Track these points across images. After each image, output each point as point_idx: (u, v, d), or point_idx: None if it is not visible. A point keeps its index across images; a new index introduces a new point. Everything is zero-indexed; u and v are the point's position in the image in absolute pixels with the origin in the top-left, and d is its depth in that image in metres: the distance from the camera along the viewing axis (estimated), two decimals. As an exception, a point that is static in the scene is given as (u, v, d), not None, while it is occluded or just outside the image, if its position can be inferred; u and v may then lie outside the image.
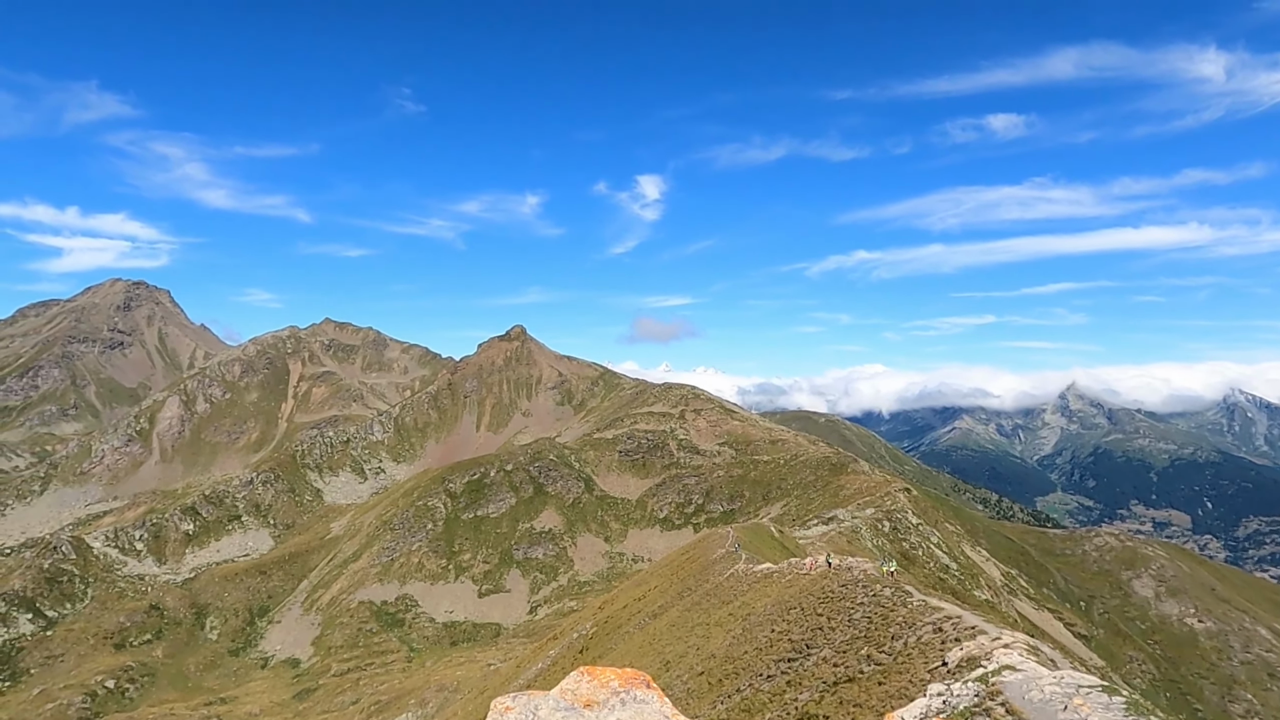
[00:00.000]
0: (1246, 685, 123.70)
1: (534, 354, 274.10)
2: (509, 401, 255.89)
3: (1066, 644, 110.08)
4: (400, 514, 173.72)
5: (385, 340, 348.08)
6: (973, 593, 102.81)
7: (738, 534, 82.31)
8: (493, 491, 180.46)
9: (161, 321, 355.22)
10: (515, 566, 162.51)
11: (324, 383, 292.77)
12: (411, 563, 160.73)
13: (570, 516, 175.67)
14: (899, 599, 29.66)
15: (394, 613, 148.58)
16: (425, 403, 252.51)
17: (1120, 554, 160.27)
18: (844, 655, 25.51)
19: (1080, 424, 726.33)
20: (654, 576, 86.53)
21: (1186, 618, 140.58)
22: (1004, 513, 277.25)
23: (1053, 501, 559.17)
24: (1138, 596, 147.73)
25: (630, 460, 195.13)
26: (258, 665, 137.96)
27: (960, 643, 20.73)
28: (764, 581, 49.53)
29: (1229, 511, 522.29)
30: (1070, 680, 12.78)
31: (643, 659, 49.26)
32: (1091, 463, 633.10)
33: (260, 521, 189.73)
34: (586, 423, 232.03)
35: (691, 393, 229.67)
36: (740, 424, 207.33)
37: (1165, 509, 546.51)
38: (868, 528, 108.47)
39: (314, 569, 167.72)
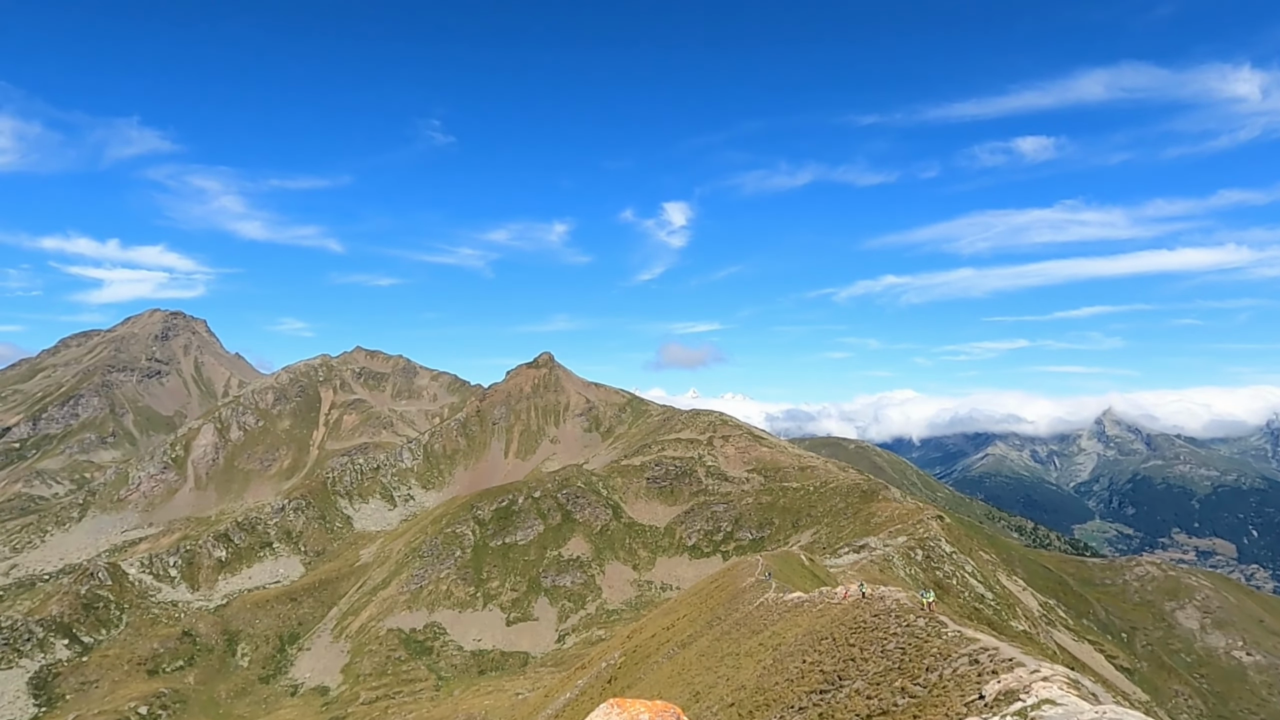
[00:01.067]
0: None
1: (562, 381, 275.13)
2: (537, 428, 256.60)
3: (1108, 677, 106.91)
4: (429, 541, 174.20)
5: (415, 368, 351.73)
6: (1009, 623, 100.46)
7: (767, 562, 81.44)
8: (521, 519, 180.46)
9: (197, 351, 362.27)
10: (543, 594, 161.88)
11: (354, 410, 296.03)
12: (440, 590, 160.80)
13: (598, 544, 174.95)
14: (933, 630, 29.08)
15: (422, 640, 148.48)
16: (454, 430, 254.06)
17: (1163, 584, 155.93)
18: (877, 687, 25.01)
19: (1118, 450, 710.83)
20: (682, 605, 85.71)
21: (1234, 650, 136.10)
22: (1040, 541, 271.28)
23: (1091, 529, 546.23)
24: (1182, 628, 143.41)
25: (658, 487, 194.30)
26: (287, 693, 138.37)
27: (998, 675, 20.25)
28: (794, 611, 48.83)
29: (1276, 540, 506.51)
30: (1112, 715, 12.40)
31: (672, 689, 48.67)
32: (1130, 490, 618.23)
33: (291, 548, 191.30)
34: (614, 449, 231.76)
35: (719, 419, 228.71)
36: (769, 450, 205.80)
37: (1209, 537, 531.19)
38: (900, 556, 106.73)
39: (344, 596, 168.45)
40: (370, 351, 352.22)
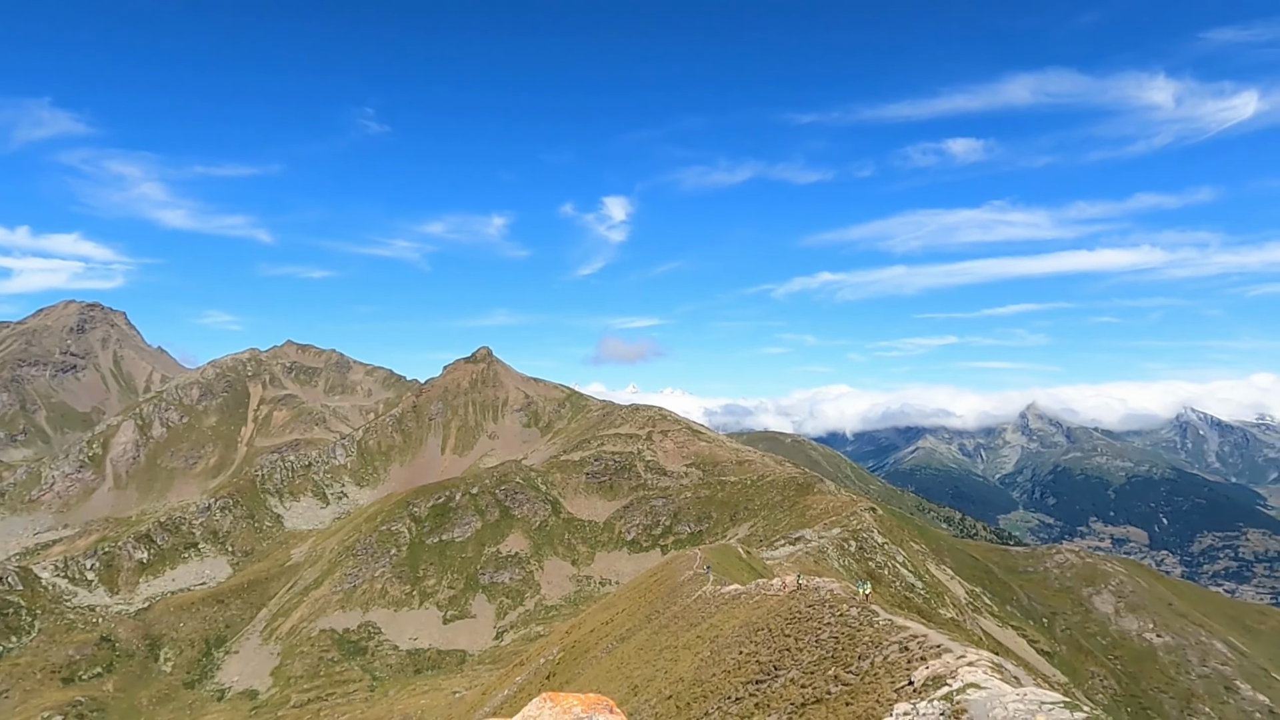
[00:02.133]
0: (1204, 699, 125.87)
1: (500, 376, 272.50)
2: (475, 424, 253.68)
3: (1030, 661, 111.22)
4: (363, 539, 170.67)
5: (349, 362, 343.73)
6: (938, 611, 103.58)
7: (706, 555, 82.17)
8: (458, 515, 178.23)
9: (117, 344, 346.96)
10: (481, 591, 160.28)
11: (285, 406, 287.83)
12: (375, 589, 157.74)
13: (537, 540, 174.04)
14: (865, 619, 29.77)
15: (356, 641, 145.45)
16: (389, 426, 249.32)
17: (1081, 570, 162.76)
18: (811, 676, 25.49)
19: (1040, 443, 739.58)
20: (621, 600, 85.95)
21: (1145, 633, 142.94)
22: (967, 531, 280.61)
23: (1015, 519, 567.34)
24: (1098, 612, 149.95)
25: (597, 482, 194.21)
26: (214, 698, 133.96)
27: (926, 661, 20.84)
28: (732, 603, 49.43)
29: (1184, 527, 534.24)
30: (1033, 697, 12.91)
31: (610, 684, 48.77)
32: (1051, 481, 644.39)
33: (218, 549, 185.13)
34: (553, 445, 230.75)
35: (659, 414, 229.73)
36: (707, 445, 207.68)
37: (1123, 525, 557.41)
38: (834, 548, 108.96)
39: (273, 597, 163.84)
40: (302, 346, 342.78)
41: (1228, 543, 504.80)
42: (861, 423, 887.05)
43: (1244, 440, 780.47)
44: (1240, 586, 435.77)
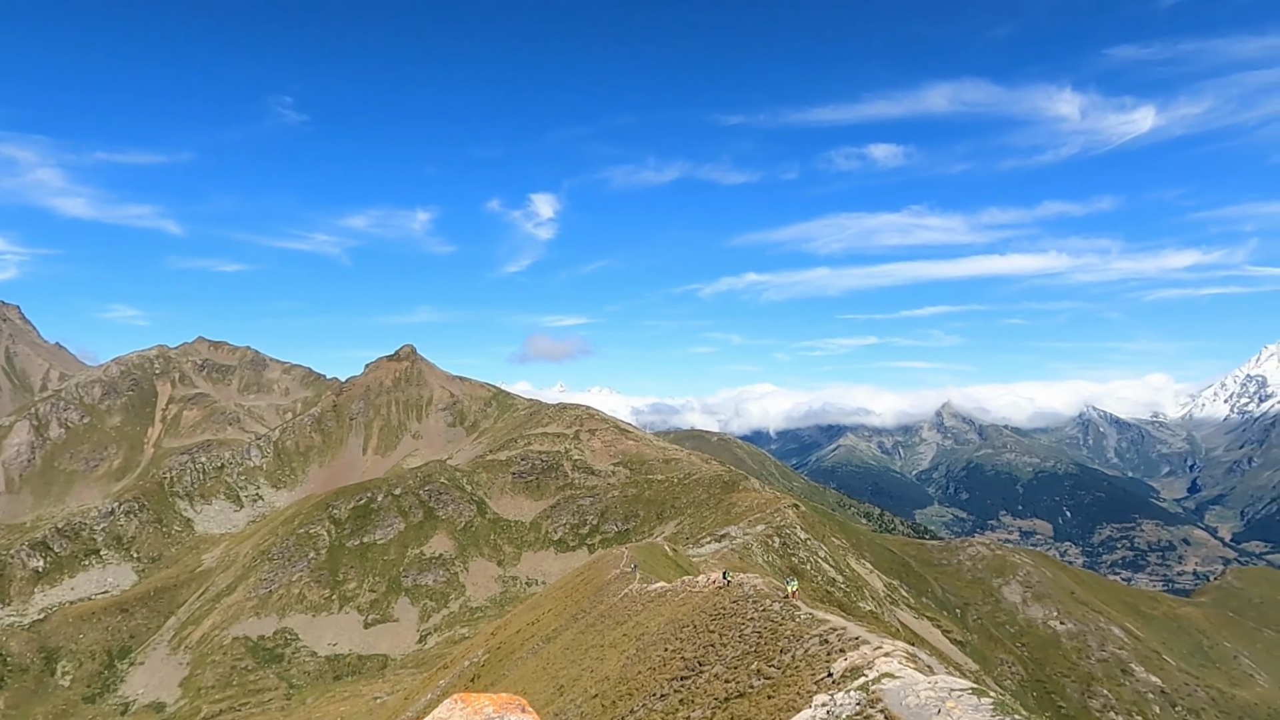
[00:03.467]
0: (1103, 681, 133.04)
1: (424, 374, 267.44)
2: (398, 423, 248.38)
3: (944, 650, 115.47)
4: (280, 543, 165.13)
5: (265, 360, 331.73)
6: (858, 604, 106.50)
7: (632, 554, 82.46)
8: (380, 517, 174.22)
9: (10, 340, 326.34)
10: (404, 594, 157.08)
11: (196, 405, 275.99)
12: (292, 594, 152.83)
13: (462, 541, 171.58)
14: (788, 613, 30.38)
15: (272, 648, 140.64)
16: (308, 425, 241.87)
17: (991, 562, 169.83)
18: (735, 671, 25.88)
19: (954, 440, 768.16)
20: (548, 600, 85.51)
21: (1050, 620, 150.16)
22: (886, 526, 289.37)
23: (930, 514, 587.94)
24: (1007, 602, 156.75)
25: (524, 482, 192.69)
26: (117, 712, 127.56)
27: (845, 653, 21.40)
28: (658, 601, 49.76)
29: (1085, 520, 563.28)
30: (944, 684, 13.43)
31: (536, 684, 48.48)
32: (965, 476, 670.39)
33: (122, 555, 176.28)
34: (479, 444, 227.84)
35: (586, 413, 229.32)
36: (635, 443, 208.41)
37: (1030, 519, 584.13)
38: (759, 544, 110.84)
39: (183, 604, 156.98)
40: (214, 342, 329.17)
41: (1124, 533, 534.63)
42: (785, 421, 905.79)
43: (1140, 437, 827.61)
44: (1135, 575, 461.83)
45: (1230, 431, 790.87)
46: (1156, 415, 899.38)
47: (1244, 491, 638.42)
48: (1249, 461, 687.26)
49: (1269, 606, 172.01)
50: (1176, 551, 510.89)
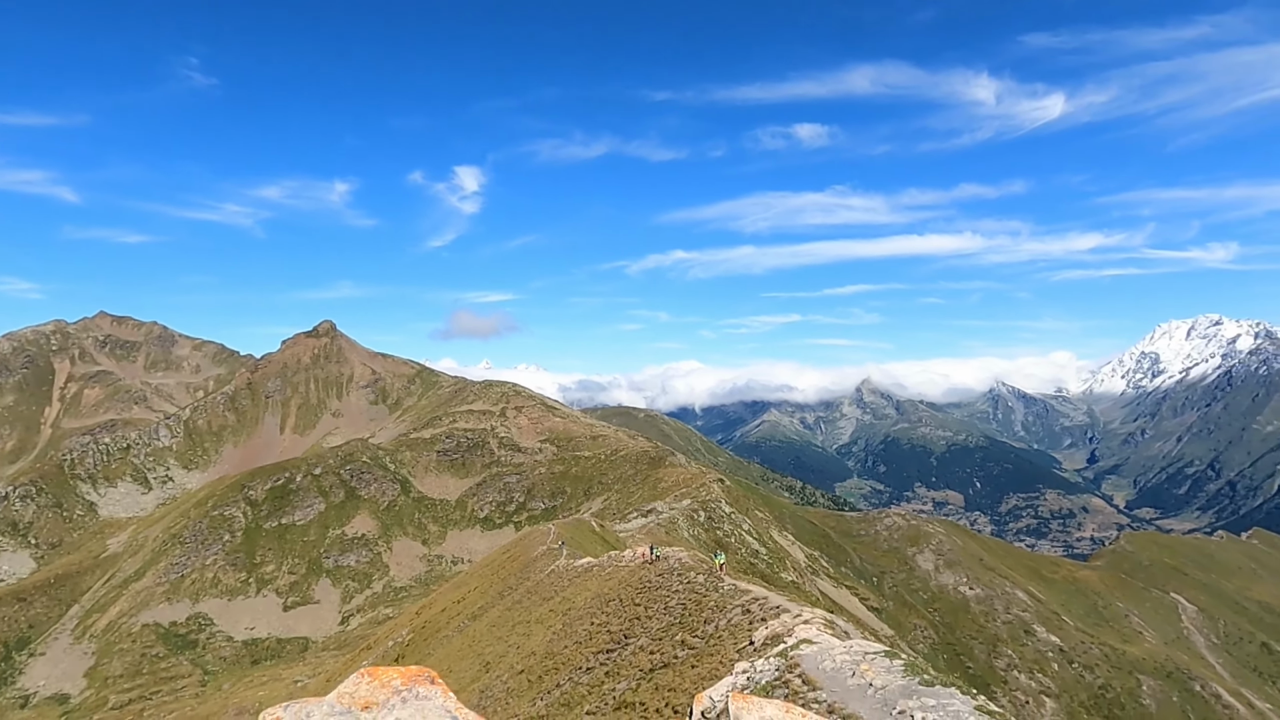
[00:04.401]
0: (1008, 642, 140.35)
1: (345, 351, 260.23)
2: (317, 402, 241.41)
3: (861, 617, 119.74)
4: (192, 525, 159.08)
5: (173, 336, 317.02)
6: (780, 575, 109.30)
7: (559, 530, 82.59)
8: (299, 497, 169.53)
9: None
10: (325, 575, 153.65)
11: (98, 384, 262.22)
12: (206, 578, 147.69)
13: (385, 520, 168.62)
14: (712, 585, 30.96)
15: (185, 634, 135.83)
16: (221, 404, 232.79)
17: (906, 532, 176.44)
18: (660, 643, 26.29)
19: (873, 415, 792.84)
20: (474, 578, 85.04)
21: (960, 586, 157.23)
22: (807, 499, 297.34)
23: (850, 487, 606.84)
24: (920, 570, 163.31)
25: (449, 460, 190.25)
26: (16, 705, 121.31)
27: (766, 622, 21.96)
28: (584, 576, 50.04)
29: (994, 490, 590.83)
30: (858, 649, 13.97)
31: (462, 662, 48.27)
32: (883, 450, 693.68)
33: (18, 542, 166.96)
34: (403, 422, 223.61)
35: (513, 390, 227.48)
36: (562, 420, 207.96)
37: (943, 490, 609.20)
38: (685, 518, 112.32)
39: (87, 592, 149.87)
40: (118, 317, 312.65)
41: (1029, 503, 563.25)
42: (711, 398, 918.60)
43: (1045, 411, 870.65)
44: (1039, 541, 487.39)
45: (1126, 405, 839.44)
46: (1060, 390, 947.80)
47: (1137, 461, 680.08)
48: (1142, 434, 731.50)
49: (1156, 569, 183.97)
50: (1076, 519, 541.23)
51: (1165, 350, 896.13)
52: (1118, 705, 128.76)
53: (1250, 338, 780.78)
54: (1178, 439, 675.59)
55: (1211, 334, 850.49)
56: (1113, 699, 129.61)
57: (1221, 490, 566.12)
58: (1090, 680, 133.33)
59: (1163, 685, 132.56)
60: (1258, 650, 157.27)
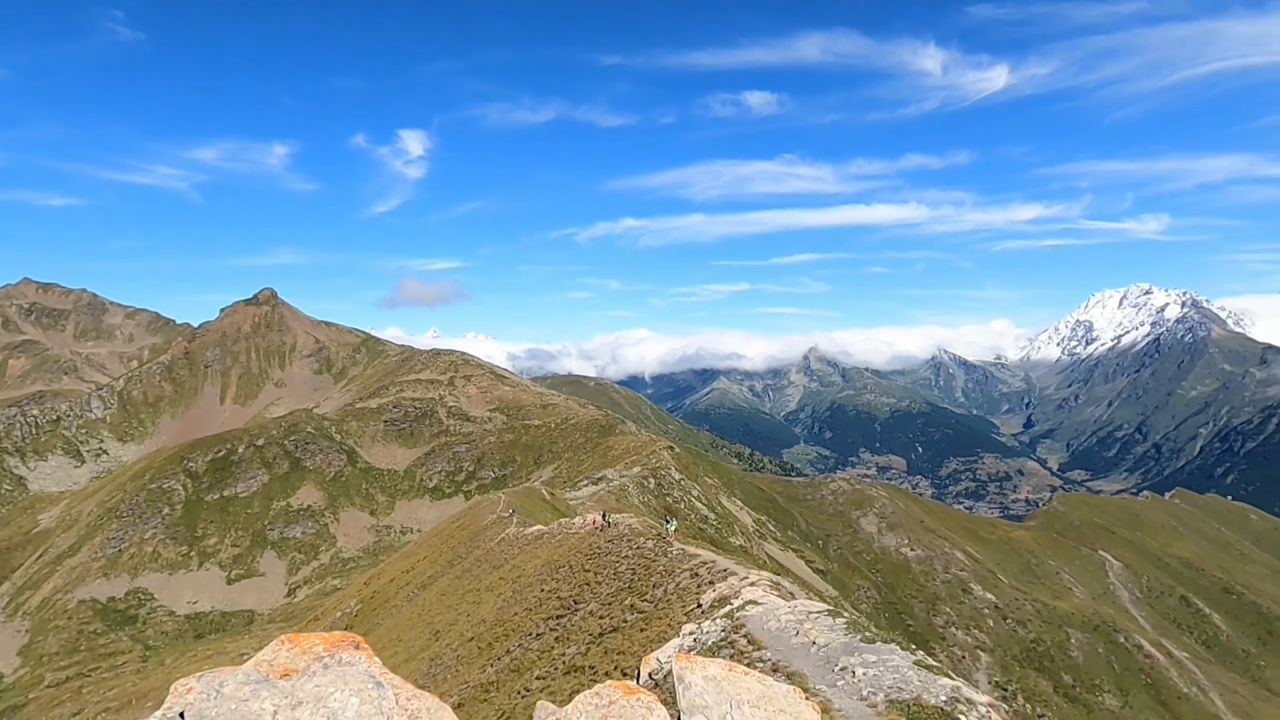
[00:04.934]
0: (946, 600, 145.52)
1: (287, 319, 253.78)
2: (259, 371, 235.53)
3: (807, 579, 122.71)
4: (129, 499, 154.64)
5: (104, 304, 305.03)
6: (729, 540, 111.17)
7: (510, 499, 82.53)
8: (242, 469, 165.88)
9: None
10: (270, 548, 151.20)
11: (24, 354, 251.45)
12: (145, 552, 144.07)
13: (332, 491, 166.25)
14: (660, 549, 31.28)
15: (124, 609, 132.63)
16: (157, 374, 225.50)
17: (851, 496, 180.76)
18: (609, 607, 26.53)
19: (820, 383, 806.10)
20: (423, 547, 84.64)
21: (902, 548, 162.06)
22: (756, 465, 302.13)
23: (797, 453, 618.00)
24: (864, 532, 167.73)
25: (397, 430, 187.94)
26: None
27: (714, 585, 22.30)
28: (535, 543, 50.16)
29: (935, 454, 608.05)
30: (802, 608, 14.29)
31: (411, 631, 48.13)
32: (829, 417, 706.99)
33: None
34: (348, 392, 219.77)
35: (461, 358, 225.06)
36: (511, 389, 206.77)
37: (887, 455, 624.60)
38: (634, 485, 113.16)
39: (18, 569, 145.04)
40: (43, 285, 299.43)
41: (968, 466, 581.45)
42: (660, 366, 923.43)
43: (984, 378, 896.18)
44: (977, 503, 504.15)
45: (1061, 372, 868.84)
46: (999, 357, 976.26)
47: (1070, 426, 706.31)
48: (1075, 399, 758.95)
49: (1086, 528, 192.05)
50: (1012, 481, 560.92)
51: (1099, 318, 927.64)
52: (1048, 658, 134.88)
53: (1178, 306, 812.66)
54: (1108, 404, 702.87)
55: (1142, 303, 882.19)
56: (1043, 652, 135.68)
57: (1148, 453, 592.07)
58: (1023, 635, 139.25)
59: (1090, 638, 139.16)
60: (1177, 603, 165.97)
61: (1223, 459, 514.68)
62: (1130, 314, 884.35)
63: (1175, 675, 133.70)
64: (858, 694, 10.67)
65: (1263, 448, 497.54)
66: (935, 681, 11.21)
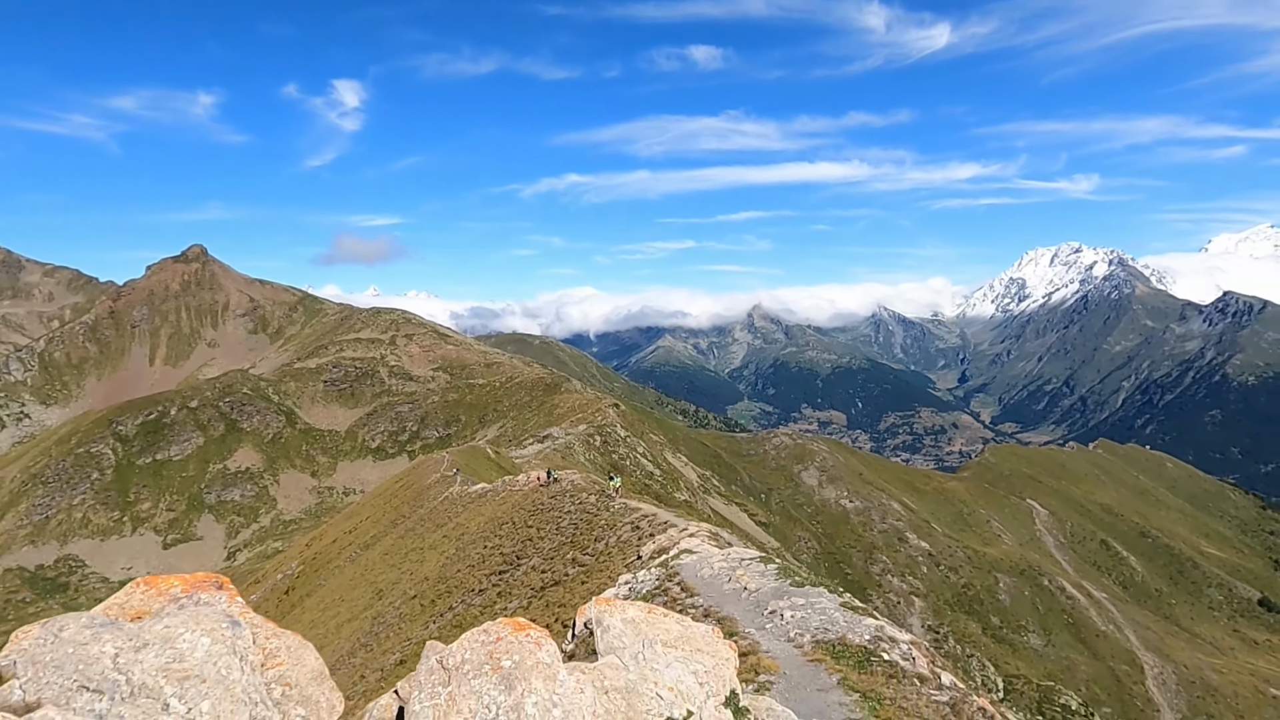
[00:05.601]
0: (883, 549, 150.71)
1: (218, 277, 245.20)
2: (190, 331, 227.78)
3: (750, 532, 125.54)
4: (55, 464, 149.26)
5: (19, 261, 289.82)
6: (674, 495, 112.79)
7: (454, 458, 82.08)
8: (175, 432, 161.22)
9: None
10: (208, 511, 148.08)
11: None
12: (74, 519, 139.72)
13: (270, 453, 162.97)
14: (603, 504, 31.58)
15: (54, 577, 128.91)
16: (81, 334, 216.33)
17: (793, 450, 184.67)
18: (551, 562, 26.78)
19: (764, 340, 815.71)
20: (366, 507, 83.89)
21: (841, 499, 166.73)
22: (700, 421, 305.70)
23: (741, 409, 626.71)
24: (805, 486, 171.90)
25: (337, 390, 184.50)
26: None
27: (654, 537, 22.66)
28: (479, 501, 50.13)
29: (874, 409, 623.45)
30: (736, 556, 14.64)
31: (354, 590, 47.91)
32: (772, 373, 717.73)
33: None
34: (285, 352, 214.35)
35: (402, 317, 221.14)
36: (455, 348, 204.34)
37: (828, 410, 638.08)
38: (580, 443, 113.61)
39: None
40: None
41: (906, 420, 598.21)
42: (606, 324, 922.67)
43: (922, 334, 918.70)
44: (913, 456, 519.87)
45: (995, 328, 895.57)
46: (936, 314, 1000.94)
47: (1002, 380, 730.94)
48: (1008, 354, 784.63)
49: (1015, 478, 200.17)
50: (947, 434, 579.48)
51: (1031, 276, 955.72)
52: (977, 601, 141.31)
53: (1105, 265, 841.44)
54: (1039, 359, 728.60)
55: (1072, 261, 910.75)
56: (973, 596, 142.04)
57: (1074, 405, 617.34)
58: (955, 580, 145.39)
59: (1017, 582, 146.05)
60: (1098, 547, 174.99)
61: (1143, 410, 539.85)
62: (1061, 272, 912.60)
63: (1094, 615, 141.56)
64: (785, 636, 11.04)
65: (1179, 400, 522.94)
66: (860, 622, 11.65)
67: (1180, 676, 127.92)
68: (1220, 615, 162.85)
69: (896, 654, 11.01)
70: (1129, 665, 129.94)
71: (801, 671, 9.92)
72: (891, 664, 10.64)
